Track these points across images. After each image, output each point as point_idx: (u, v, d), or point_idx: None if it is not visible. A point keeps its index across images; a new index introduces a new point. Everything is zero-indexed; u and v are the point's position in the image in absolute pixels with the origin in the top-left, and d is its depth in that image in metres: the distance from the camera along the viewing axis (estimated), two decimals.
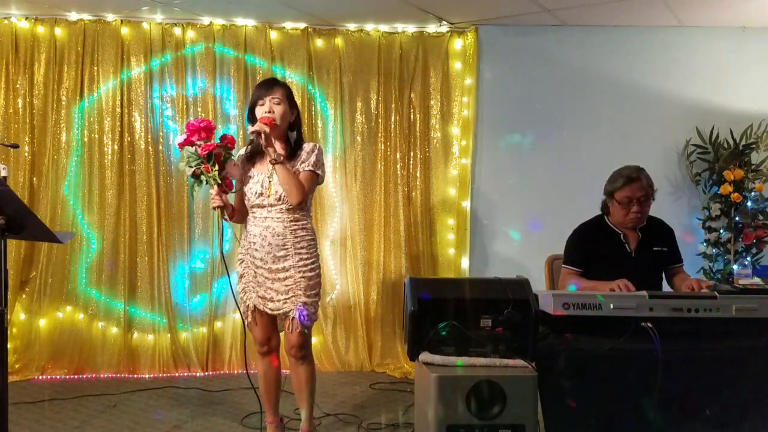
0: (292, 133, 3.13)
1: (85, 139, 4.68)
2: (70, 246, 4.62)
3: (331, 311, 4.87)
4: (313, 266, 3.07)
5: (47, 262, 4.61)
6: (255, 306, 3.12)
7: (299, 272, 3.03)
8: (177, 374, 4.61)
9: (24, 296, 4.62)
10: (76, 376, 4.54)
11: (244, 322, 3.18)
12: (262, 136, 2.95)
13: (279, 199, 3.02)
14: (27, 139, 4.60)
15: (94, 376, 4.56)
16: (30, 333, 4.58)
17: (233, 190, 3.11)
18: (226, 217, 3.10)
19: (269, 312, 3.09)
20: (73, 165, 4.68)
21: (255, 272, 3.09)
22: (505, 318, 2.68)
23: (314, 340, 4.76)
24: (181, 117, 4.73)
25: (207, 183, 2.97)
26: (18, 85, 4.61)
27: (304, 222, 3.08)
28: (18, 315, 4.59)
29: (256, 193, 3.06)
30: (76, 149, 4.68)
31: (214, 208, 3.05)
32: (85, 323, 4.64)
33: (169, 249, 4.72)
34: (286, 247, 3.02)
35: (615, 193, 3.28)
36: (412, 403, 3.89)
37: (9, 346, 3.33)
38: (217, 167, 2.95)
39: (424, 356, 2.69)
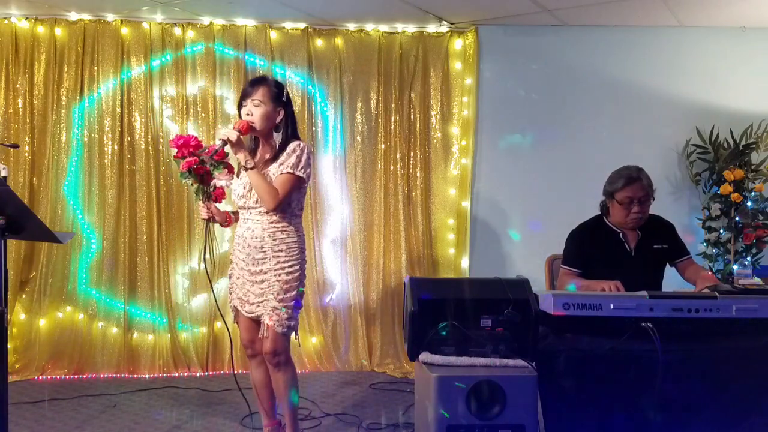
0: (277, 134, 3.00)
1: (85, 139, 4.68)
2: (70, 246, 4.62)
3: (331, 311, 4.86)
4: (290, 269, 2.96)
5: (47, 262, 4.61)
6: (236, 307, 3.11)
7: (274, 275, 2.95)
8: (177, 374, 4.61)
9: (24, 296, 4.62)
10: (76, 376, 4.54)
11: (231, 321, 3.24)
12: (228, 144, 2.87)
13: (257, 202, 2.96)
14: (27, 139, 4.60)
15: (94, 376, 4.56)
16: (30, 333, 4.58)
17: (224, 199, 3.10)
18: (216, 223, 3.10)
19: (246, 314, 3.06)
20: (73, 165, 4.67)
21: (239, 273, 3.06)
22: (505, 318, 2.69)
23: (314, 340, 4.79)
24: (181, 117, 4.73)
25: (196, 195, 2.99)
26: (18, 85, 4.61)
27: (284, 224, 2.98)
28: (18, 315, 4.59)
29: (238, 195, 3.03)
30: (76, 149, 4.68)
31: (202, 220, 3.07)
32: (85, 323, 4.64)
33: (169, 249, 4.72)
34: (264, 249, 2.96)
35: (615, 194, 3.27)
36: (412, 403, 3.89)
37: (9, 346, 3.34)
38: (197, 182, 2.93)
39: (424, 356, 2.69)
